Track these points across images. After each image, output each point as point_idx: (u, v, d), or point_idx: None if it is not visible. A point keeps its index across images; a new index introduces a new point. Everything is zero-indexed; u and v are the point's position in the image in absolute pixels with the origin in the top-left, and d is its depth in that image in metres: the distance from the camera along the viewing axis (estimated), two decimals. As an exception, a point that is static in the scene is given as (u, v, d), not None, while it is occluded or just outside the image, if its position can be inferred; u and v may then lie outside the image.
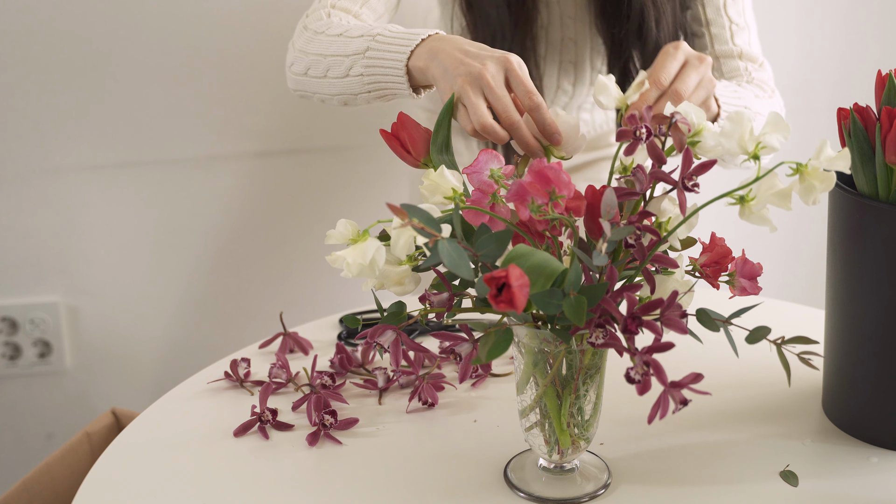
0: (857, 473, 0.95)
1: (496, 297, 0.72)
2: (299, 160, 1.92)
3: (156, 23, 1.76)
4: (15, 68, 1.75)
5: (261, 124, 1.87)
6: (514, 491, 0.93)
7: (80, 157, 1.82)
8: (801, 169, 0.81)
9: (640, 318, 0.78)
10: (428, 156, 0.92)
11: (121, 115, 1.81)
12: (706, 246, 0.89)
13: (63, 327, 1.92)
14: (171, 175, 1.87)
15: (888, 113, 0.92)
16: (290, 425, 1.04)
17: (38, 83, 1.77)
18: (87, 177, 1.84)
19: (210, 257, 1.94)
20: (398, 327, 0.86)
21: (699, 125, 0.86)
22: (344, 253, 0.84)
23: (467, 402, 1.08)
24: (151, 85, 1.80)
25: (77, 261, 1.89)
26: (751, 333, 0.85)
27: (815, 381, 1.09)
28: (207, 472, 0.97)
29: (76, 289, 1.91)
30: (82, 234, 1.87)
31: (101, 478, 0.97)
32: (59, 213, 1.85)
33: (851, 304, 0.97)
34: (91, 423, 1.32)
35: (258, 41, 1.80)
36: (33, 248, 1.87)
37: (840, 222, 0.97)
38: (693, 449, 0.99)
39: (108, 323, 1.94)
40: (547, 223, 0.81)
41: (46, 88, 1.77)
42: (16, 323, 1.91)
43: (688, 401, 0.77)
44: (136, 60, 1.78)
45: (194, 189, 1.88)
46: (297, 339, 1.19)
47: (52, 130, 1.80)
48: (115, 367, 1.97)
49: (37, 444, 1.99)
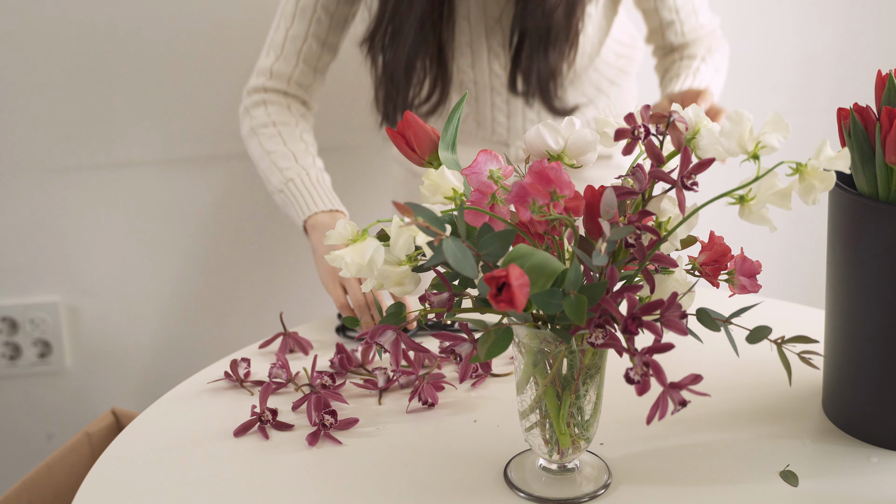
0: (857, 473, 0.95)
1: (496, 297, 0.72)
2: (299, 160, 1.91)
3: (156, 23, 1.76)
4: (15, 68, 1.75)
5: (261, 124, 1.87)
6: (514, 491, 0.93)
7: (80, 157, 1.82)
8: (801, 169, 0.81)
9: (640, 318, 0.78)
10: (432, 154, 0.92)
11: (120, 115, 1.81)
12: (705, 244, 0.89)
13: (63, 327, 1.92)
14: (170, 175, 1.87)
15: (888, 113, 0.92)
16: (290, 425, 1.04)
17: (38, 83, 1.77)
18: (87, 177, 1.84)
19: (210, 257, 1.94)
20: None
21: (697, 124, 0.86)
22: (343, 252, 0.84)
23: (467, 402, 1.08)
24: (151, 85, 1.80)
25: (77, 261, 1.89)
26: (751, 333, 0.85)
27: (815, 381, 1.09)
28: (207, 472, 0.97)
29: (76, 289, 1.91)
30: (82, 234, 1.87)
31: (101, 478, 0.97)
32: (59, 213, 1.85)
33: (851, 304, 0.97)
34: (91, 423, 1.32)
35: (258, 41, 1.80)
36: (33, 248, 1.87)
37: (840, 222, 0.97)
38: (693, 449, 0.99)
39: (108, 323, 1.94)
40: (547, 224, 0.81)
41: (46, 88, 1.77)
42: (16, 323, 1.91)
43: (686, 402, 0.77)
44: (136, 60, 1.78)
45: (194, 189, 1.88)
46: (297, 339, 1.19)
47: (52, 130, 1.80)
48: (115, 367, 1.97)
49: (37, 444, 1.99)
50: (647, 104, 0.88)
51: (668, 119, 0.85)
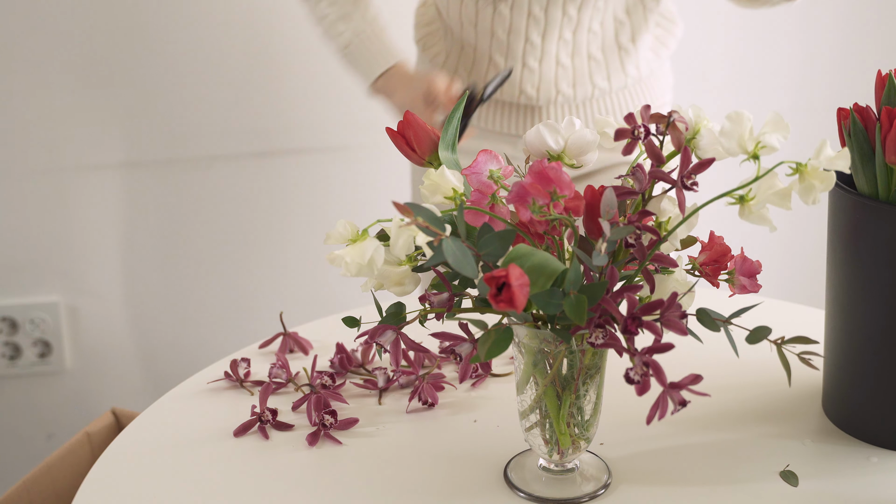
0: (857, 473, 0.95)
1: (496, 297, 0.72)
2: (299, 160, 1.92)
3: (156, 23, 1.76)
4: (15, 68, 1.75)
5: (261, 124, 1.87)
6: (514, 491, 0.93)
7: (80, 157, 1.82)
8: (801, 169, 0.81)
9: (640, 318, 0.78)
10: (432, 154, 0.92)
11: (121, 115, 1.81)
12: (705, 244, 0.89)
13: (63, 327, 1.92)
14: (171, 175, 1.87)
15: (888, 113, 0.92)
16: (290, 425, 1.04)
17: (38, 83, 1.77)
18: (87, 177, 1.84)
19: (210, 257, 1.94)
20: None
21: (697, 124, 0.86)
22: (343, 252, 0.84)
23: (467, 402, 1.08)
24: (152, 85, 1.80)
25: (77, 261, 1.89)
26: (751, 333, 0.85)
27: (815, 381, 1.09)
28: (207, 472, 0.97)
29: (76, 289, 1.91)
30: (82, 234, 1.87)
31: (101, 478, 0.97)
32: (59, 213, 1.85)
33: (851, 304, 0.97)
34: (91, 423, 1.32)
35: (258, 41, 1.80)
36: (33, 248, 1.87)
37: (840, 222, 0.97)
38: (693, 449, 0.99)
39: (108, 323, 1.94)
40: (547, 224, 0.81)
41: (46, 88, 1.77)
42: (16, 323, 1.91)
43: (686, 402, 0.77)
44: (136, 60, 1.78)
45: (194, 189, 1.88)
46: (297, 339, 1.19)
47: (52, 130, 1.80)
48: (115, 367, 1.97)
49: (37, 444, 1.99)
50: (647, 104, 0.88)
51: (668, 119, 0.86)
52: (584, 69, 1.46)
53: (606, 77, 1.47)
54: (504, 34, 1.42)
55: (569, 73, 1.45)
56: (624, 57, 1.48)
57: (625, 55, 1.48)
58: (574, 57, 1.45)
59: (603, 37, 1.45)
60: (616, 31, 1.46)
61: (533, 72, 1.45)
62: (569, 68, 1.45)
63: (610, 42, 1.46)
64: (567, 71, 1.45)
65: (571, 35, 1.43)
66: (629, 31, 1.47)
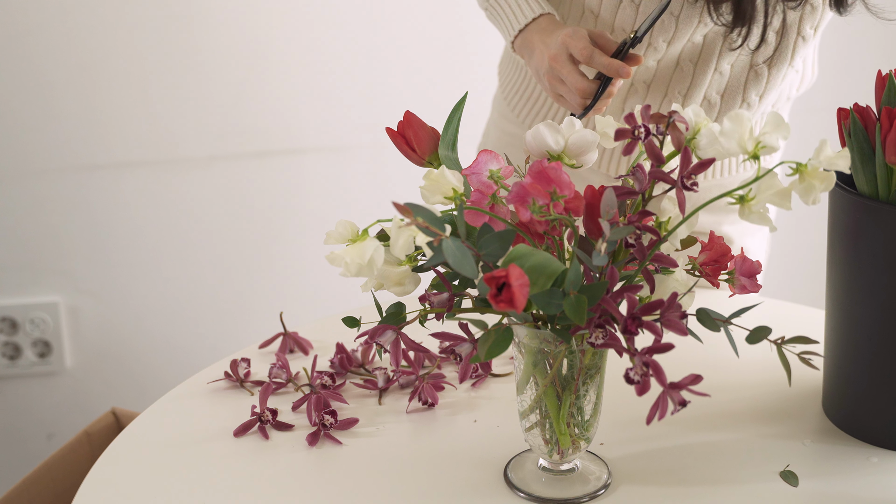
0: (857, 473, 0.95)
1: (496, 297, 0.72)
2: (299, 160, 1.92)
3: (156, 23, 1.76)
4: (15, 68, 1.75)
5: (261, 124, 1.87)
6: (514, 491, 0.93)
7: (81, 157, 1.82)
8: (801, 169, 0.81)
9: (640, 318, 0.78)
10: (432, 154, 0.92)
11: (121, 115, 1.81)
12: (705, 244, 0.89)
13: (63, 327, 1.92)
14: (171, 175, 1.87)
15: (888, 113, 0.92)
16: (290, 425, 1.04)
17: (38, 83, 1.77)
18: (87, 177, 1.84)
19: (210, 257, 1.94)
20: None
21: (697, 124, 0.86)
22: (342, 252, 0.84)
23: (467, 402, 1.08)
24: (152, 85, 1.80)
25: (77, 261, 1.89)
26: (751, 333, 0.85)
27: (815, 381, 1.09)
28: (207, 472, 0.97)
29: (76, 289, 1.91)
30: (82, 234, 1.87)
31: (101, 478, 0.97)
32: (59, 213, 1.85)
33: (851, 304, 0.97)
34: (91, 423, 1.32)
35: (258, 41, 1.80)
36: (33, 248, 1.87)
37: (840, 222, 0.97)
38: (693, 449, 0.99)
39: (108, 323, 1.94)
40: (547, 224, 0.81)
41: (47, 88, 1.77)
42: (16, 323, 1.91)
43: (686, 402, 0.77)
44: (136, 60, 1.78)
45: (194, 189, 1.88)
46: (297, 339, 1.19)
47: (53, 130, 1.80)
48: (115, 367, 1.97)
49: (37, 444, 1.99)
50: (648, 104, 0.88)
51: (669, 119, 0.86)
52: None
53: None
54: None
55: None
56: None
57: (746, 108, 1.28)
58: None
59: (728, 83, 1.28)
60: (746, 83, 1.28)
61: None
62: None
63: (734, 89, 1.28)
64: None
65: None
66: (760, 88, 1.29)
